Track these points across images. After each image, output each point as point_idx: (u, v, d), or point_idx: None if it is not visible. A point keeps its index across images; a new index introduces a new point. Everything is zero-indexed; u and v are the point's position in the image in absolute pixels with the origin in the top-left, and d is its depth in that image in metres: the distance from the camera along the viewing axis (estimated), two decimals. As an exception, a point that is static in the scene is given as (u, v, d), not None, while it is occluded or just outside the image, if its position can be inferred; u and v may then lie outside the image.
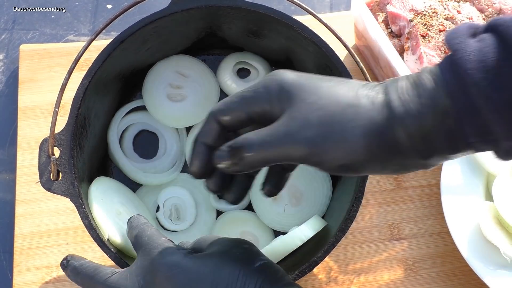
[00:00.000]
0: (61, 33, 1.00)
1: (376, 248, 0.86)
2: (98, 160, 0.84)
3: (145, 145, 0.88)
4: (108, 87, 0.81)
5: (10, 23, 1.00)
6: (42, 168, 0.72)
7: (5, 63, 0.97)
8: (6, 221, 0.87)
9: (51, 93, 0.92)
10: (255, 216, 0.85)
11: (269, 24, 0.78)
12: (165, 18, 0.76)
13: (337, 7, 1.03)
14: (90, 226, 0.71)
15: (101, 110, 0.82)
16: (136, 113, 0.87)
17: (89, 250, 0.84)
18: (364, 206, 0.85)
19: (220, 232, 0.84)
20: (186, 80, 0.87)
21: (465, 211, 0.83)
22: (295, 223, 0.83)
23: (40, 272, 0.83)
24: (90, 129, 0.78)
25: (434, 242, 0.86)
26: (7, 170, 0.90)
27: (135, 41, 0.77)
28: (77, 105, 0.74)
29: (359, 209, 0.73)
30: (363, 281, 0.84)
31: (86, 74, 0.75)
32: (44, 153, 0.72)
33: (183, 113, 0.86)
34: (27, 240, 0.85)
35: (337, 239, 0.72)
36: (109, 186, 0.80)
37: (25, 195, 0.87)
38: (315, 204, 0.84)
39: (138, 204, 0.83)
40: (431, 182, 0.89)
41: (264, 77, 0.57)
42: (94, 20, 1.01)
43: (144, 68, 0.86)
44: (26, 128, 0.90)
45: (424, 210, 0.88)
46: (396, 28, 0.87)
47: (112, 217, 0.75)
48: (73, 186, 0.72)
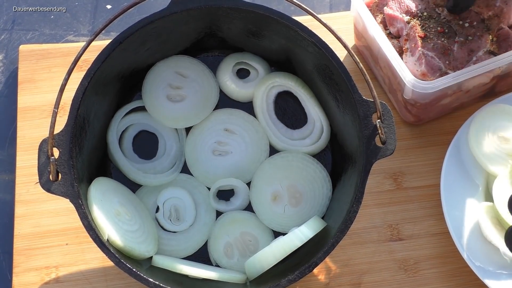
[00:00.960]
0: (61, 33, 0.99)
1: (375, 249, 0.86)
2: (98, 160, 0.84)
3: (145, 145, 0.88)
4: (107, 88, 0.81)
5: (10, 23, 1.00)
6: (42, 168, 0.72)
7: (5, 63, 0.97)
8: (6, 221, 0.87)
9: (50, 94, 0.92)
10: (254, 216, 0.85)
11: (269, 24, 0.78)
12: (165, 18, 0.76)
13: (336, 7, 1.03)
14: (89, 226, 0.71)
15: (100, 111, 0.82)
16: (136, 113, 0.87)
17: (88, 250, 0.84)
18: (364, 206, 0.85)
19: (219, 232, 0.84)
20: (186, 81, 0.87)
21: (465, 211, 0.83)
22: (294, 223, 0.83)
23: (40, 273, 0.83)
24: (89, 130, 0.78)
25: (434, 242, 0.86)
26: (7, 170, 0.90)
27: (134, 42, 0.77)
28: (76, 105, 0.74)
29: (359, 210, 0.73)
30: (363, 281, 0.84)
31: (86, 75, 0.75)
32: (44, 153, 0.72)
33: (183, 114, 0.86)
34: (27, 241, 0.85)
35: (336, 240, 0.72)
36: (109, 187, 0.80)
37: (24, 196, 0.87)
38: (315, 205, 0.84)
39: (138, 204, 0.83)
40: (431, 183, 0.89)
41: None
42: (94, 21, 1.01)
43: (143, 68, 0.86)
44: (25, 128, 0.90)
45: (424, 210, 0.88)
46: (394, 30, 0.87)
47: (112, 218, 0.75)
48: (72, 187, 0.71)
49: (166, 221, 0.84)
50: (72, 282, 0.83)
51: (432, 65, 0.82)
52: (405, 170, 0.90)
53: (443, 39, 0.84)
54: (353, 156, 0.78)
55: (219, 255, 0.83)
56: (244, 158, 0.86)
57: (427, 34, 0.84)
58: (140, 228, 0.79)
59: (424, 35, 0.83)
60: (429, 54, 0.82)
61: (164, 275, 0.76)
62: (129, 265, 0.70)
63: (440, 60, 0.82)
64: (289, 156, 0.85)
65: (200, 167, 0.86)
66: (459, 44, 0.84)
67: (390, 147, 0.73)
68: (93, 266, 0.84)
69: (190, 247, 0.84)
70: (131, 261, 0.73)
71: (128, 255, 0.74)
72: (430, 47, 0.83)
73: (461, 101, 0.89)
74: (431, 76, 0.82)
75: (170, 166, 0.87)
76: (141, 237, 0.78)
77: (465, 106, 0.91)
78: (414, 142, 0.91)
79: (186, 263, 0.79)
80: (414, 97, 0.84)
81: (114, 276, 0.83)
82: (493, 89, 0.90)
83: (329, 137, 0.87)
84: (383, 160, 0.75)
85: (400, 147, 0.90)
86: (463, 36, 0.84)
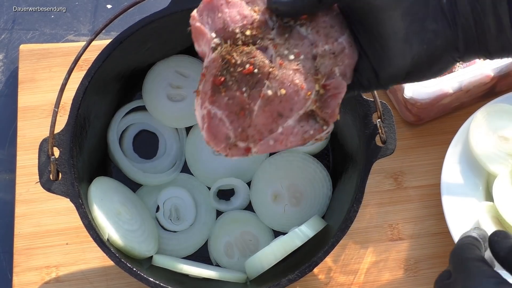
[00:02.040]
0: (61, 33, 0.99)
1: (376, 248, 0.86)
2: (98, 160, 0.84)
3: (145, 145, 0.88)
4: (108, 87, 0.81)
5: (10, 23, 1.00)
6: (42, 168, 0.72)
7: (5, 63, 0.97)
8: (6, 221, 0.87)
9: (50, 93, 0.92)
10: (255, 216, 0.85)
11: (269, 24, 0.77)
12: (165, 18, 0.76)
13: (337, 7, 1.03)
14: (90, 226, 0.71)
15: (101, 110, 0.82)
16: (136, 113, 0.87)
17: (89, 250, 0.84)
18: (364, 206, 0.85)
19: (220, 232, 0.84)
20: (186, 80, 0.87)
21: (465, 211, 0.83)
22: (295, 223, 0.82)
23: (40, 272, 0.83)
24: (90, 129, 0.78)
25: (434, 242, 0.86)
26: (7, 170, 0.90)
27: (135, 41, 0.77)
28: (76, 105, 0.74)
29: (359, 209, 0.73)
30: (363, 281, 0.84)
31: (86, 74, 0.75)
32: (44, 153, 0.72)
33: (183, 113, 0.86)
34: (27, 240, 0.85)
35: (337, 239, 0.72)
36: (109, 186, 0.80)
37: (24, 195, 0.87)
38: (315, 204, 0.84)
39: (138, 204, 0.83)
40: (431, 182, 0.89)
41: None
42: (94, 20, 1.01)
43: (144, 68, 0.86)
44: (25, 128, 0.90)
45: (424, 210, 0.88)
46: (200, 50, 0.60)
47: (112, 217, 0.75)
48: (72, 186, 0.71)
49: (166, 221, 0.84)
50: (72, 281, 0.83)
51: (216, 132, 0.58)
52: (406, 170, 0.90)
53: (246, 88, 0.56)
54: (354, 156, 0.78)
55: (219, 254, 0.83)
56: (245, 158, 0.86)
57: (226, 79, 0.56)
58: (141, 227, 0.79)
59: (223, 80, 0.56)
60: (217, 115, 0.57)
61: (164, 274, 0.76)
62: (130, 264, 0.70)
63: (232, 124, 0.57)
64: (289, 155, 0.85)
65: (200, 166, 0.86)
66: (263, 100, 0.56)
67: (391, 147, 0.73)
68: (94, 266, 0.84)
69: (190, 247, 0.84)
70: (131, 261, 0.73)
71: (129, 255, 0.74)
72: (223, 102, 0.56)
73: (461, 101, 0.89)
74: (214, 146, 0.59)
75: (171, 165, 0.87)
76: (141, 236, 0.78)
77: (465, 106, 0.91)
78: (414, 141, 0.91)
79: (187, 263, 0.79)
80: (414, 97, 0.84)
81: (115, 276, 0.83)
82: (493, 89, 0.90)
83: (329, 137, 0.87)
84: (383, 160, 0.75)
85: (401, 146, 0.90)
86: (274, 85, 0.56)
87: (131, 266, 0.70)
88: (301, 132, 0.58)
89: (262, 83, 0.56)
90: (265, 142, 0.58)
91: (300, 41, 0.57)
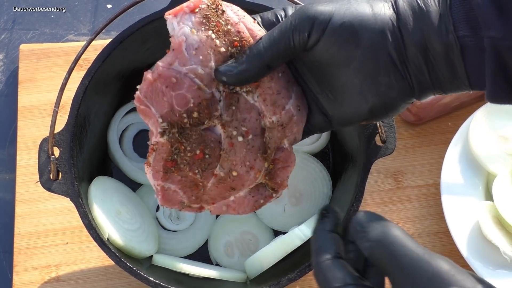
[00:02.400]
0: (61, 33, 1.00)
1: (376, 248, 0.85)
2: (98, 159, 0.84)
3: (145, 144, 0.87)
4: (108, 87, 0.81)
5: (10, 23, 1.00)
6: (42, 167, 0.72)
7: (5, 63, 0.97)
8: (6, 220, 0.87)
9: (51, 93, 0.92)
10: (255, 216, 0.85)
11: (269, 23, 0.77)
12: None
13: (337, 7, 1.03)
14: (90, 225, 0.71)
15: (101, 110, 0.82)
16: (136, 112, 0.87)
17: (89, 249, 0.84)
18: (364, 206, 0.85)
19: (220, 231, 0.84)
20: (186, 80, 0.87)
21: (465, 211, 0.83)
22: (295, 223, 0.83)
23: (40, 272, 0.83)
24: (90, 129, 0.78)
25: (434, 242, 0.86)
26: (7, 169, 0.90)
27: (135, 41, 0.77)
28: (77, 104, 0.74)
29: (359, 209, 0.73)
30: (363, 280, 0.84)
31: (86, 74, 0.75)
32: (44, 152, 0.72)
33: (183, 113, 0.86)
34: (27, 240, 0.85)
35: (337, 239, 0.72)
36: (109, 186, 0.80)
37: (25, 195, 0.87)
38: (315, 204, 0.84)
39: (138, 203, 0.83)
40: (431, 182, 0.89)
41: None
42: (94, 20, 1.01)
43: (144, 67, 0.86)
44: (26, 127, 0.90)
45: (424, 210, 0.88)
46: (147, 124, 0.61)
47: (112, 217, 0.75)
48: (72, 186, 0.71)
49: (166, 220, 0.84)
50: (72, 281, 0.83)
51: (170, 199, 0.61)
52: (405, 169, 0.90)
53: (198, 170, 0.59)
54: (353, 155, 0.78)
55: (219, 254, 0.83)
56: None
57: (177, 161, 0.58)
58: (141, 227, 0.79)
59: (173, 163, 0.58)
60: (171, 188, 0.60)
61: (164, 274, 0.76)
62: (130, 264, 0.70)
63: (186, 194, 0.61)
64: (289, 155, 0.85)
65: (200, 166, 0.86)
66: (216, 179, 0.60)
67: (390, 146, 0.73)
68: (94, 265, 0.84)
69: (190, 246, 0.84)
70: (131, 260, 0.73)
71: (129, 254, 0.74)
72: (176, 179, 0.59)
73: (461, 101, 0.89)
74: (169, 207, 0.62)
75: (171, 165, 0.87)
76: (141, 236, 0.78)
77: (465, 106, 0.91)
78: (414, 141, 0.91)
79: (187, 262, 0.79)
80: (414, 97, 0.84)
81: (115, 275, 0.83)
82: (493, 89, 0.90)
83: (329, 136, 0.87)
84: (383, 159, 0.75)
85: (400, 146, 0.90)
86: (226, 167, 0.59)
87: (131, 266, 0.70)
88: (252, 201, 0.62)
89: (214, 165, 0.59)
90: (218, 206, 0.62)
91: (248, 113, 0.58)
